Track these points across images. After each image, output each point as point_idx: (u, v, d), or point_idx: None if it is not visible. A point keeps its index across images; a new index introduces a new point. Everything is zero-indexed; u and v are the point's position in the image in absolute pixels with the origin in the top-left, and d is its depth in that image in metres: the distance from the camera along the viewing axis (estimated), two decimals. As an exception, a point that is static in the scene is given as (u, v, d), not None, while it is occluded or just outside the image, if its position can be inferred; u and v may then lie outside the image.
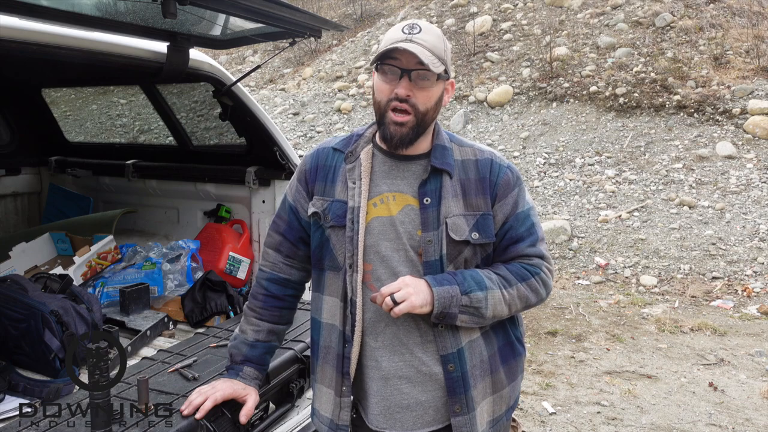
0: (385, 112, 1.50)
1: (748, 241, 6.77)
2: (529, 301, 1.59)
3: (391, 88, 1.48)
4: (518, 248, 1.58)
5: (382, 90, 1.50)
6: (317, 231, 1.62)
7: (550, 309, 5.70)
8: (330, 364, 1.61)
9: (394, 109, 1.48)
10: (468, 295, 1.49)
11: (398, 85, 1.47)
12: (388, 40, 1.47)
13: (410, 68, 1.45)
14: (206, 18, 2.29)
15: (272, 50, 14.55)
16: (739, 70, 9.69)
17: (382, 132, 1.52)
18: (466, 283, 1.50)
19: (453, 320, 1.50)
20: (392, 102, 1.48)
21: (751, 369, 4.41)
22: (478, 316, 1.51)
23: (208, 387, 1.70)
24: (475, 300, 1.49)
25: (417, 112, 1.48)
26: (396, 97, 1.47)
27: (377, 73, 1.51)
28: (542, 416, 3.74)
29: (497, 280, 1.54)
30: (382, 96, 1.50)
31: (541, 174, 9.00)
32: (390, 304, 1.43)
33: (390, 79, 1.48)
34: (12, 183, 3.82)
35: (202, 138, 3.60)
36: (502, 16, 13.06)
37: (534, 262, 1.59)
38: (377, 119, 1.54)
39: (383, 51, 1.46)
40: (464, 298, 1.48)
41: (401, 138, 1.50)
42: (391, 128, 1.49)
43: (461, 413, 1.55)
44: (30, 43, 2.00)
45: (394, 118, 1.48)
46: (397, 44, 1.44)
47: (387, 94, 1.48)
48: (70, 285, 2.46)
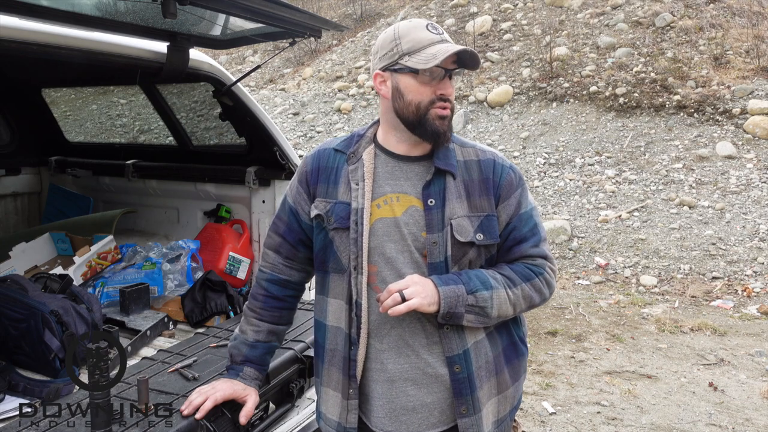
0: (426, 112, 1.49)
1: (748, 241, 6.77)
2: (533, 301, 1.59)
3: (432, 89, 1.48)
4: (522, 249, 1.58)
5: (421, 92, 1.49)
6: (320, 233, 1.61)
7: (550, 309, 5.70)
8: (336, 366, 1.61)
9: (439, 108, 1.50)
10: (474, 295, 1.48)
11: (442, 85, 1.48)
12: (421, 41, 1.46)
13: (451, 68, 1.48)
14: (206, 18, 2.29)
15: (272, 50, 14.54)
16: (739, 70, 9.69)
17: (429, 129, 1.50)
18: (471, 282, 1.50)
19: (459, 320, 1.49)
20: (437, 102, 1.49)
21: (751, 369, 4.41)
22: (483, 315, 1.51)
23: (208, 387, 1.70)
24: (481, 299, 1.49)
25: (453, 108, 1.53)
26: (441, 98, 1.49)
27: (408, 75, 1.49)
28: (542, 416, 3.74)
29: (502, 280, 1.54)
30: (422, 97, 1.49)
31: (541, 174, 9.00)
32: (398, 299, 1.42)
33: (428, 80, 1.48)
34: (12, 183, 3.82)
35: (202, 138, 3.60)
36: (502, 16, 13.06)
37: (537, 263, 1.59)
38: (412, 120, 1.51)
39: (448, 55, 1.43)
40: (470, 297, 1.48)
41: (447, 130, 1.52)
42: (438, 123, 1.50)
43: (467, 414, 1.54)
44: (30, 43, 2.00)
45: (440, 113, 1.49)
46: (450, 47, 1.44)
47: (429, 95, 1.49)
48: (70, 285, 2.46)
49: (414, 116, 1.50)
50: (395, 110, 1.53)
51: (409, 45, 1.47)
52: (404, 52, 1.47)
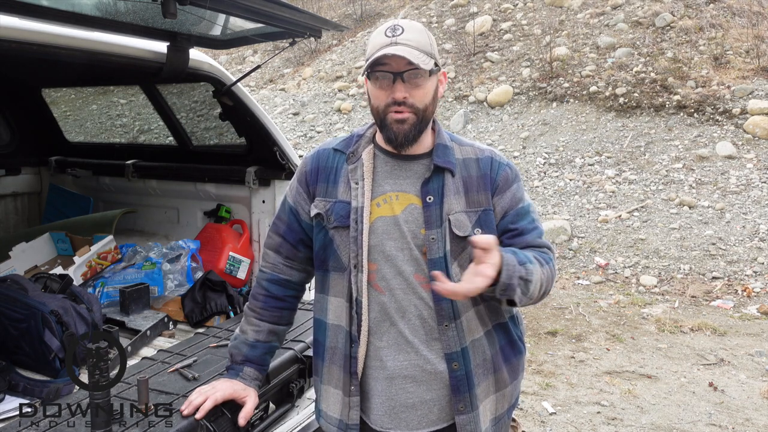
0: (384, 116, 1.51)
1: (748, 241, 6.77)
2: (548, 286, 1.54)
3: (387, 93, 1.49)
4: (526, 239, 1.57)
5: (378, 96, 1.51)
6: (320, 232, 1.62)
7: (550, 309, 5.70)
8: (337, 364, 1.61)
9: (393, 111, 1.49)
10: (524, 266, 1.43)
11: (393, 89, 1.48)
12: (373, 46, 1.48)
13: (401, 70, 1.46)
14: (206, 18, 2.29)
15: (272, 50, 14.53)
16: (739, 70, 9.69)
17: (386, 134, 1.52)
18: (518, 254, 1.45)
19: (513, 293, 1.41)
20: (391, 107, 1.49)
21: (751, 369, 4.41)
22: (526, 292, 1.44)
23: (208, 387, 1.70)
24: (529, 272, 1.43)
25: (417, 111, 1.50)
26: (394, 102, 1.48)
27: (370, 80, 1.52)
28: (542, 416, 3.74)
29: (533, 258, 1.49)
30: (379, 102, 1.51)
31: (541, 174, 9.00)
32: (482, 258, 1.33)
33: (384, 84, 1.49)
34: (12, 183, 3.82)
35: (202, 138, 3.60)
36: (502, 16, 13.06)
37: (544, 251, 1.58)
38: (378, 124, 1.55)
39: (372, 60, 1.46)
40: (521, 268, 1.42)
41: (405, 136, 1.50)
42: (394, 127, 1.50)
43: (465, 411, 1.56)
44: (30, 43, 2.00)
45: (395, 117, 1.49)
46: (384, 50, 1.44)
47: (384, 99, 1.49)
48: (70, 285, 2.46)
49: (378, 119, 1.53)
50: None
51: (368, 50, 1.51)
52: (366, 58, 1.51)
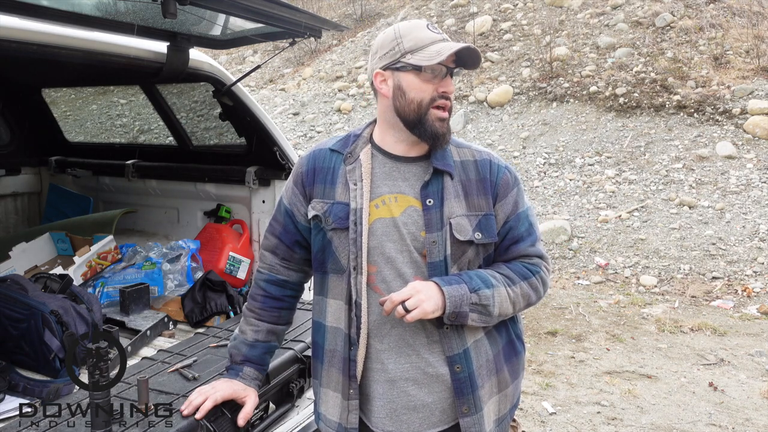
0: (426, 112, 1.50)
1: (748, 241, 6.77)
2: (531, 299, 1.61)
3: (433, 87, 1.49)
4: (519, 248, 1.60)
5: (423, 89, 1.49)
6: (318, 234, 1.61)
7: (550, 309, 5.70)
8: (336, 367, 1.61)
9: (437, 107, 1.50)
10: (477, 293, 1.49)
11: (444, 83, 1.50)
12: (426, 40, 1.48)
13: (451, 66, 1.50)
14: (206, 18, 2.30)
15: (272, 50, 14.53)
16: (739, 70, 9.68)
17: (428, 130, 1.51)
18: (473, 281, 1.51)
19: (464, 319, 1.50)
20: (438, 100, 1.50)
21: (751, 369, 4.41)
22: (486, 314, 1.52)
23: (208, 387, 1.70)
24: (484, 297, 1.50)
25: (450, 108, 1.54)
26: (442, 95, 1.50)
27: (410, 73, 1.49)
28: (542, 416, 3.74)
29: (502, 279, 1.55)
30: (423, 95, 1.50)
31: (541, 174, 9.00)
32: (402, 312, 1.44)
33: (431, 78, 1.49)
34: (12, 183, 3.82)
35: (202, 138, 3.60)
36: (502, 16, 13.05)
37: (534, 262, 1.61)
38: (413, 119, 1.51)
39: (452, 51, 1.45)
40: (473, 295, 1.49)
41: (447, 132, 1.53)
42: (438, 125, 1.51)
43: (469, 414, 1.55)
44: (30, 43, 2.00)
45: (439, 115, 1.51)
46: (456, 45, 1.46)
47: (430, 92, 1.49)
48: (70, 285, 2.46)
49: (415, 114, 1.51)
50: (396, 109, 1.53)
51: (411, 43, 1.48)
52: (406, 50, 1.48)
